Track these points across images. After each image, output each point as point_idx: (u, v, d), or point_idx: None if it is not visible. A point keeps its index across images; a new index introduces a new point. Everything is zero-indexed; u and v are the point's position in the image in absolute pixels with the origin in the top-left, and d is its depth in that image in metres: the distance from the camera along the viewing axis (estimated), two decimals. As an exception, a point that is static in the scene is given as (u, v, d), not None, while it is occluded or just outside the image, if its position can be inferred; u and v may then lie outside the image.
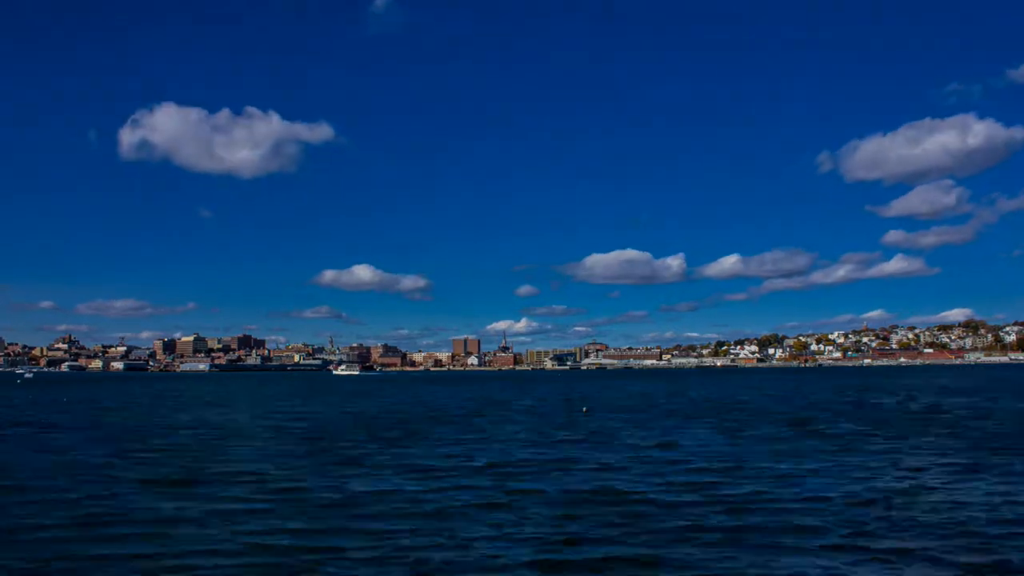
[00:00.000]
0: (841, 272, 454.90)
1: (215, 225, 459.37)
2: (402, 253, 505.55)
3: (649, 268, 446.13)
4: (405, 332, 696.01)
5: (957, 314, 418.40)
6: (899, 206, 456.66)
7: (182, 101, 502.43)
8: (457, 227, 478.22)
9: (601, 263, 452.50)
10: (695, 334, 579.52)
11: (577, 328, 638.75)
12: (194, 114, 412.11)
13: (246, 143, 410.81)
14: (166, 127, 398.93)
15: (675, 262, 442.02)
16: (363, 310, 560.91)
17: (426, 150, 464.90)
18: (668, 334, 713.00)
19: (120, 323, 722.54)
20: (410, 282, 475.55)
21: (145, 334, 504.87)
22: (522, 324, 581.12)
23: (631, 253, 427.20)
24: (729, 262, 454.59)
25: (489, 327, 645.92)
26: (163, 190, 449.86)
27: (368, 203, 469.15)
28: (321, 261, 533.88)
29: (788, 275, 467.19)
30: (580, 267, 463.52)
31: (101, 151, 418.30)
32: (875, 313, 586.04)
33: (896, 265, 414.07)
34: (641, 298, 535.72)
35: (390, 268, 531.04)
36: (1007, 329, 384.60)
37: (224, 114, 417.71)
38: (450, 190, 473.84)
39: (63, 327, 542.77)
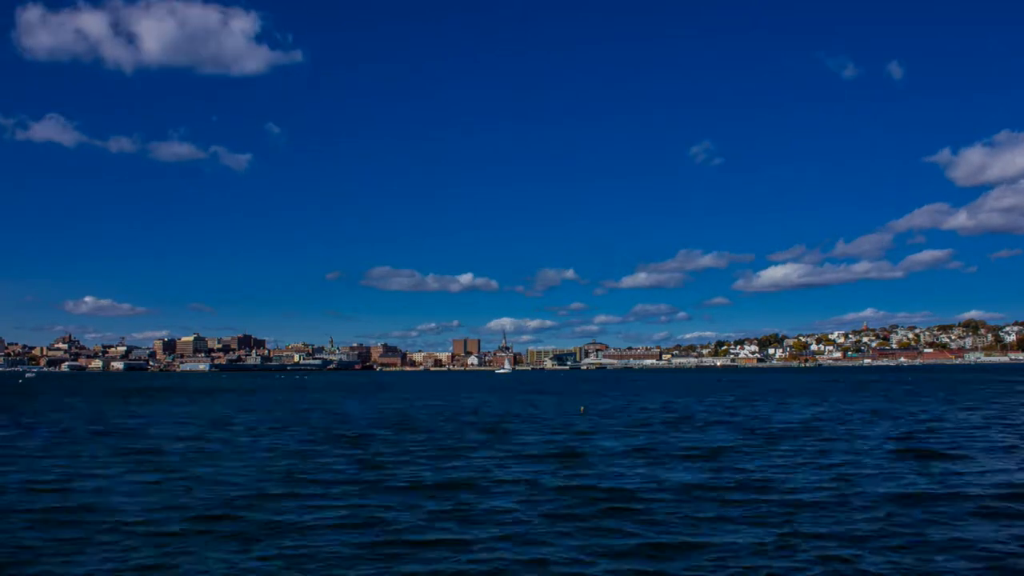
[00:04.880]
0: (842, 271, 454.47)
1: (215, 224, 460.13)
2: (403, 252, 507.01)
3: (656, 266, 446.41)
4: (405, 332, 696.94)
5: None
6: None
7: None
8: (460, 226, 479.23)
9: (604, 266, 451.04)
10: (710, 333, 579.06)
11: (583, 327, 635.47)
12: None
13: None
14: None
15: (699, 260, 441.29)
16: (363, 309, 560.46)
17: (428, 145, 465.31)
18: (664, 334, 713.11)
19: (120, 323, 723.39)
20: (411, 281, 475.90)
21: (145, 334, 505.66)
22: (522, 323, 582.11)
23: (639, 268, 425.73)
24: (722, 258, 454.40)
25: (489, 324, 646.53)
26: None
27: (368, 202, 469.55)
28: (322, 260, 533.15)
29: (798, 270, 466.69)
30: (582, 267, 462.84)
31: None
32: (920, 313, 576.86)
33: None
34: (642, 297, 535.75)
35: (391, 266, 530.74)
36: (1007, 329, 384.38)
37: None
38: (456, 187, 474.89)
39: (63, 327, 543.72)
